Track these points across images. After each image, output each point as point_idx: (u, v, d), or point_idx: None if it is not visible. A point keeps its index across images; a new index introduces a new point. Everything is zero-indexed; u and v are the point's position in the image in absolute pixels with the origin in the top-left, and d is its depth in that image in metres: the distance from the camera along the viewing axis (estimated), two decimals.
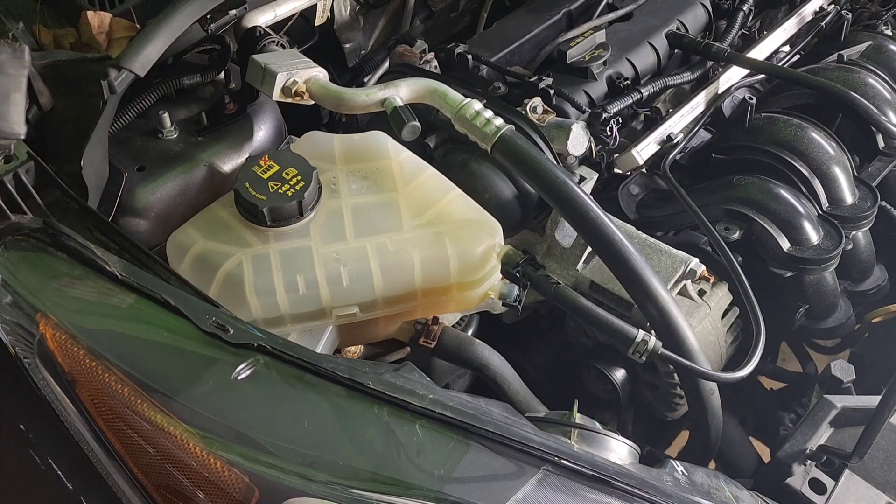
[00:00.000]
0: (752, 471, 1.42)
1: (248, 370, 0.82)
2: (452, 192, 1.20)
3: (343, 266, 1.10)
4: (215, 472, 0.78)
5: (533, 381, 1.24)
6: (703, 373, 1.10)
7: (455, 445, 0.80)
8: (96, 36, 1.38)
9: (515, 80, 1.46)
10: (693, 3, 1.71)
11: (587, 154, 1.36)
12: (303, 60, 1.26)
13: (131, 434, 0.82)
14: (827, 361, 1.31)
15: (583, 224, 1.11)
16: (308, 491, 0.75)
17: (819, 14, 1.79)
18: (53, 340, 0.86)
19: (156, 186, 1.23)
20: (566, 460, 0.82)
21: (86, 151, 1.11)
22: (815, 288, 1.38)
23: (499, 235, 1.18)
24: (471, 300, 1.19)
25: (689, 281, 1.27)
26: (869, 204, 1.42)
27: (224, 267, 1.09)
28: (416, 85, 1.21)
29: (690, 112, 1.54)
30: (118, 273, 0.90)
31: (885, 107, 1.52)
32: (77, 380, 0.85)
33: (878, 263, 1.54)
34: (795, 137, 1.43)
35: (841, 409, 1.15)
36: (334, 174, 1.19)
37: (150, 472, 0.82)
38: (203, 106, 1.36)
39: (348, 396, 0.81)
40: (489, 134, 1.16)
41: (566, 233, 1.34)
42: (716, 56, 1.59)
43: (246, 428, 0.79)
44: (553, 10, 1.68)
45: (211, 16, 1.31)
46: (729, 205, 1.36)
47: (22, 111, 1.05)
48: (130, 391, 0.82)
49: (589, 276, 1.29)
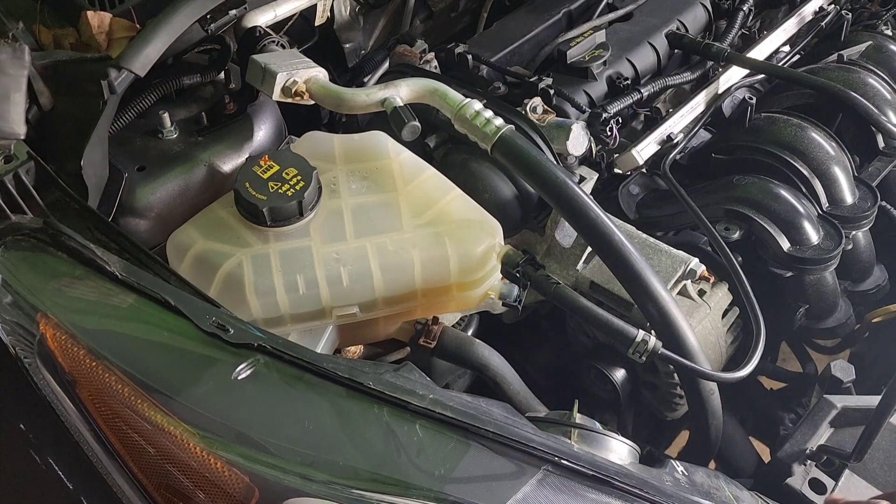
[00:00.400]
0: (752, 471, 1.42)
1: (249, 370, 0.82)
2: (452, 192, 1.20)
3: (343, 266, 1.10)
4: (215, 472, 0.78)
5: (533, 381, 1.24)
6: (703, 373, 1.10)
7: (455, 445, 0.80)
8: (96, 36, 1.38)
9: (515, 80, 1.46)
10: (693, 3, 1.71)
11: (587, 154, 1.36)
12: (303, 60, 1.26)
13: (131, 434, 0.82)
14: (827, 361, 1.31)
15: (583, 224, 1.11)
16: (308, 491, 0.75)
17: (819, 14, 1.79)
18: (54, 340, 0.86)
19: (156, 186, 1.23)
20: (566, 460, 0.82)
21: (86, 151, 1.11)
22: (815, 288, 1.39)
23: (499, 235, 1.18)
24: (471, 300, 1.19)
25: (689, 281, 1.27)
26: (869, 204, 1.42)
27: (224, 267, 1.09)
28: (416, 85, 1.21)
29: (690, 112, 1.54)
30: (118, 273, 0.90)
31: (885, 107, 1.52)
32: (77, 380, 0.85)
33: (878, 263, 1.54)
34: (795, 137, 1.43)
35: (841, 409, 1.16)
36: (334, 174, 1.19)
37: (150, 472, 0.82)
38: (203, 106, 1.36)
39: (348, 396, 0.81)
40: (489, 134, 1.16)
41: (566, 233, 1.34)
42: (716, 56, 1.59)
43: (246, 428, 0.79)
44: (553, 10, 1.68)
45: (211, 16, 1.31)
46: (729, 205, 1.36)
47: (22, 111, 1.05)
48: (130, 391, 0.82)
49: (589, 276, 1.29)
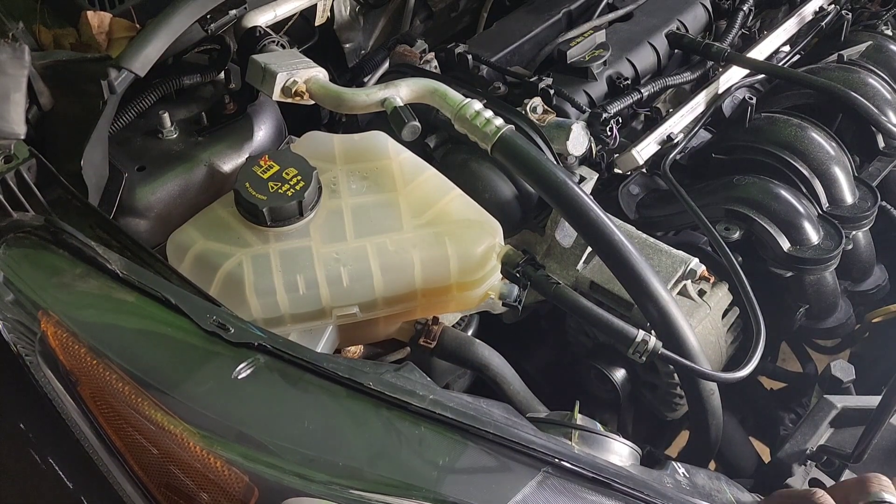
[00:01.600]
0: (753, 471, 1.42)
1: (249, 369, 0.82)
2: (452, 192, 1.20)
3: (343, 266, 1.10)
4: (215, 472, 0.78)
5: (533, 381, 1.24)
6: (704, 373, 1.09)
7: (455, 446, 0.80)
8: (96, 36, 1.38)
9: (515, 80, 1.46)
10: (693, 3, 1.71)
11: (587, 154, 1.36)
12: (303, 60, 1.26)
13: (132, 433, 0.82)
14: (827, 361, 1.31)
15: (583, 224, 1.11)
16: (307, 491, 0.75)
17: (819, 14, 1.79)
18: (55, 338, 0.86)
19: (156, 186, 1.23)
20: (566, 462, 0.82)
21: (86, 151, 1.11)
22: (815, 288, 1.38)
23: (499, 235, 1.18)
24: (471, 300, 1.19)
25: (689, 281, 1.27)
26: (869, 204, 1.42)
27: (224, 267, 1.09)
28: (416, 85, 1.21)
29: (690, 112, 1.54)
30: (119, 271, 0.90)
31: (885, 107, 1.52)
32: (78, 378, 0.85)
33: (878, 263, 1.53)
34: (796, 137, 1.43)
35: (841, 410, 1.15)
36: (334, 174, 1.19)
37: (150, 471, 0.82)
38: (203, 106, 1.36)
39: (348, 396, 0.81)
40: (489, 134, 1.16)
41: (566, 233, 1.34)
42: (716, 56, 1.59)
43: (246, 427, 0.79)
44: (553, 10, 1.68)
45: (211, 16, 1.31)
46: (729, 205, 1.36)
47: (22, 111, 1.05)
48: (131, 389, 0.82)
49: (589, 276, 1.29)
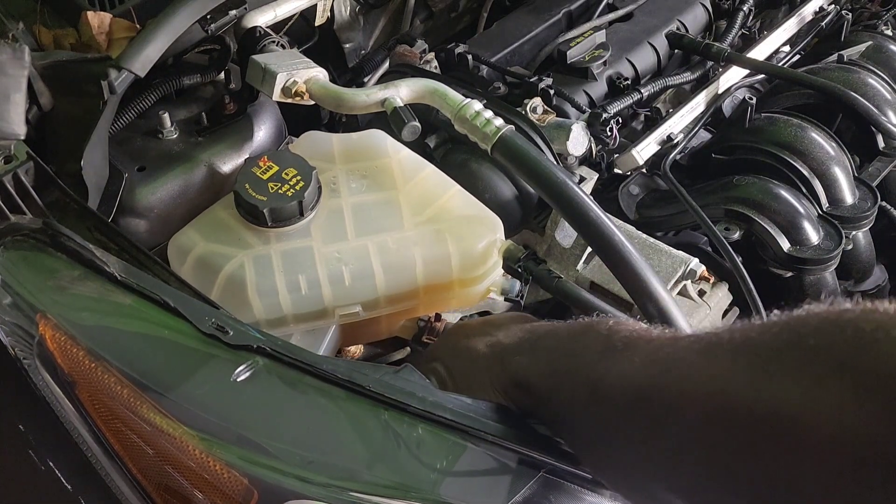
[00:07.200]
0: None
1: (248, 372, 0.82)
2: (452, 188, 1.20)
3: (345, 265, 1.10)
4: (214, 474, 0.78)
5: None
6: None
7: (454, 448, 0.80)
8: (96, 36, 1.38)
9: (515, 80, 1.46)
10: (693, 3, 1.71)
11: (587, 154, 1.36)
12: (303, 60, 1.26)
13: (131, 435, 0.82)
14: None
15: (583, 224, 1.11)
16: (307, 493, 0.75)
17: (819, 14, 1.79)
18: (53, 341, 0.86)
19: (156, 186, 1.23)
20: (566, 464, 0.82)
21: (86, 152, 1.11)
22: (815, 288, 1.38)
23: (499, 231, 1.18)
24: (473, 297, 1.19)
25: (689, 281, 1.27)
26: (869, 204, 1.42)
27: (226, 269, 1.09)
28: (416, 85, 1.21)
29: (690, 112, 1.53)
30: (118, 274, 0.89)
31: (885, 107, 1.52)
32: (77, 381, 0.85)
33: (878, 263, 1.54)
34: (795, 138, 1.42)
35: None
36: (334, 173, 1.19)
37: (149, 474, 0.82)
38: (203, 106, 1.36)
39: (348, 399, 0.81)
40: (489, 134, 1.16)
41: (566, 233, 1.34)
42: (716, 56, 1.59)
43: (245, 430, 0.79)
44: (553, 10, 1.67)
45: (211, 16, 1.31)
46: (729, 205, 1.36)
47: (22, 111, 1.05)
48: (130, 392, 0.82)
49: (589, 277, 1.29)
